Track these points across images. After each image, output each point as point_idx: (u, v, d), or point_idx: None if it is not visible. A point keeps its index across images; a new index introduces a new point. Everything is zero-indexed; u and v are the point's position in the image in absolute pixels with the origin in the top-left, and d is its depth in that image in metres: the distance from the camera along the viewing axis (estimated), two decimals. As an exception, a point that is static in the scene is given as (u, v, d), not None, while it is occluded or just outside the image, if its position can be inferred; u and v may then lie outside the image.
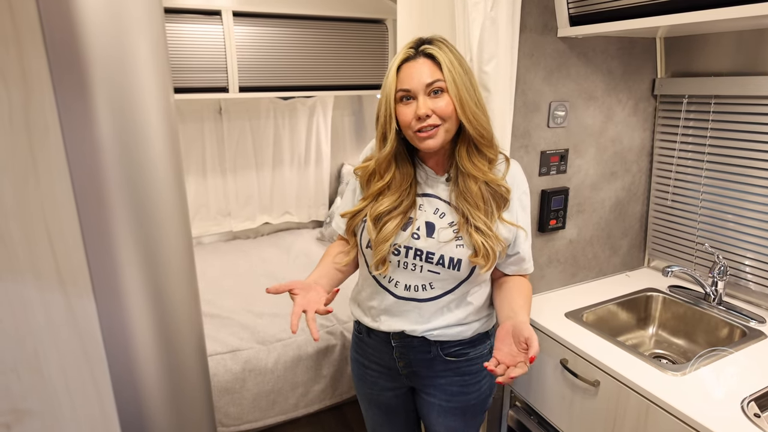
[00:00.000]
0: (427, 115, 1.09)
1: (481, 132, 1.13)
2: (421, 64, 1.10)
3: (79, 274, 0.54)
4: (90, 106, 0.52)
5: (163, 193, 0.61)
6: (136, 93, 0.56)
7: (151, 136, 0.59)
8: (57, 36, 0.49)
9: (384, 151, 1.15)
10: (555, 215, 1.69)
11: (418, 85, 1.09)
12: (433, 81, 1.09)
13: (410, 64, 1.11)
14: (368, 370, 1.37)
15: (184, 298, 0.66)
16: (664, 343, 1.72)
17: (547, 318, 1.59)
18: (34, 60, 0.49)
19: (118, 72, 0.54)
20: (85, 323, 0.56)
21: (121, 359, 0.60)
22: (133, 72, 0.55)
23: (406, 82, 1.10)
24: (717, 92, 1.62)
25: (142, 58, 0.56)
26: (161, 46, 0.59)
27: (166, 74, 0.61)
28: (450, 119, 1.11)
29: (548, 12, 1.51)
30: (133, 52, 0.55)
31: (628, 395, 1.28)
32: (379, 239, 1.17)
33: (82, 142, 0.52)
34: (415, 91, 1.10)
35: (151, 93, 0.58)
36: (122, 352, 0.60)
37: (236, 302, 2.36)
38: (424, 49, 1.12)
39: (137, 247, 0.59)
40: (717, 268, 1.62)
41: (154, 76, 0.58)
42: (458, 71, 1.10)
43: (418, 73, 1.09)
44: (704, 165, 1.71)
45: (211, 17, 2.46)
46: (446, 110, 1.10)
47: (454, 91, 1.09)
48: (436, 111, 1.09)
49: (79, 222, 0.53)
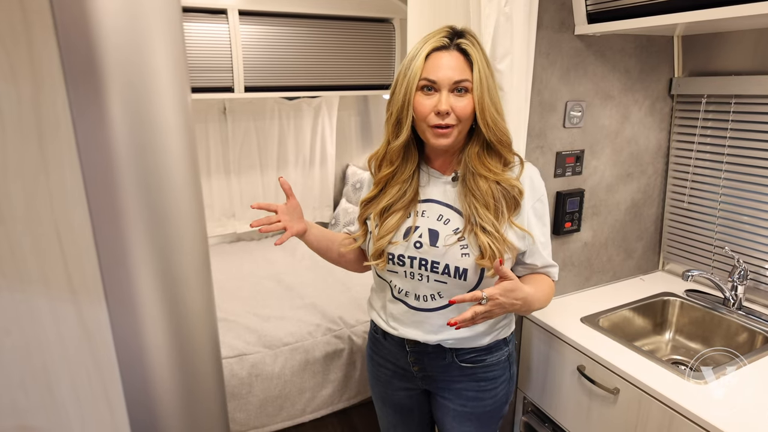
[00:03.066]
0: (447, 113, 1.05)
1: (499, 137, 1.09)
2: (453, 57, 1.06)
3: (91, 283, 0.50)
4: (104, 104, 0.49)
5: (179, 196, 0.58)
6: (152, 91, 0.52)
7: (168, 136, 0.55)
8: (70, 30, 0.46)
9: (399, 141, 1.11)
10: (570, 217, 1.65)
11: (445, 79, 1.05)
12: (462, 80, 1.05)
13: (441, 54, 1.06)
14: (383, 368, 1.34)
15: (200, 306, 0.63)
16: (681, 349, 1.68)
17: (562, 323, 1.55)
18: (45, 55, 0.45)
19: (133, 69, 0.50)
20: (97, 334, 0.52)
21: (135, 371, 0.56)
22: (150, 69, 0.52)
23: (434, 73, 1.05)
24: (737, 92, 1.58)
25: (159, 55, 0.52)
26: (179, 43, 0.55)
27: (183, 72, 0.57)
28: (465, 122, 1.08)
29: (565, 9, 1.47)
30: (150, 48, 0.51)
31: (649, 404, 1.24)
32: (381, 233, 1.15)
33: (95, 142, 0.49)
34: (441, 85, 1.05)
35: (168, 91, 0.54)
36: (136, 364, 0.56)
37: (242, 305, 2.32)
38: (459, 43, 1.07)
39: (153, 253, 0.55)
40: (737, 272, 1.58)
41: (172, 73, 0.54)
42: (485, 73, 1.06)
43: (449, 67, 1.05)
44: (723, 167, 1.68)
45: (216, 16, 2.42)
46: (465, 111, 1.06)
47: (478, 94, 1.05)
48: (455, 110, 1.06)
49: (91, 227, 0.50)
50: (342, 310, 2.21)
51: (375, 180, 1.21)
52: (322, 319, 2.16)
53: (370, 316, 1.34)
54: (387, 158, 1.17)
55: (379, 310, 1.29)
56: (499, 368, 1.25)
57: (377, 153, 1.21)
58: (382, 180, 1.19)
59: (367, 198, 1.23)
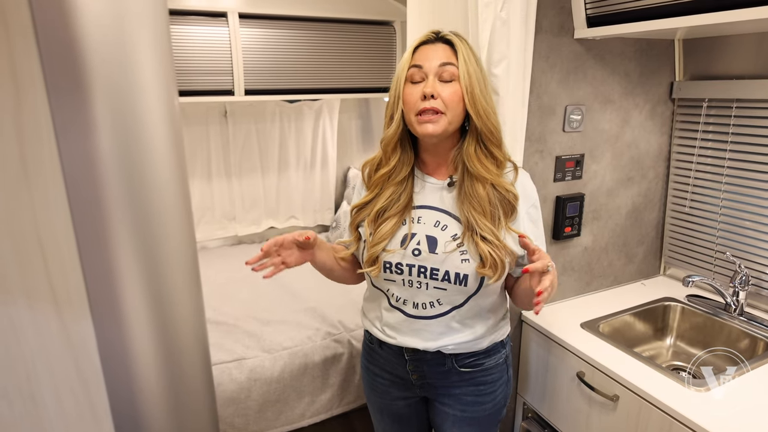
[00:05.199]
0: (432, 96, 1.06)
1: (490, 128, 1.10)
2: (439, 47, 1.11)
3: (75, 295, 0.50)
4: (88, 113, 0.48)
5: (166, 205, 0.57)
6: (137, 99, 0.52)
7: (154, 144, 0.54)
8: (51, 34, 0.45)
9: (390, 130, 1.14)
10: (570, 222, 1.64)
11: (431, 63, 1.09)
12: (446, 62, 1.08)
13: (427, 46, 1.12)
14: (379, 378, 1.33)
15: (188, 317, 0.62)
16: (682, 355, 1.67)
17: (562, 328, 1.54)
18: (27, 64, 0.45)
19: (118, 77, 0.49)
20: (81, 346, 0.51)
21: (121, 383, 0.56)
22: (135, 77, 0.51)
23: (420, 60, 1.10)
24: (739, 96, 1.57)
25: (144, 59, 0.51)
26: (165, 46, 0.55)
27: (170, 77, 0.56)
28: (454, 111, 1.08)
29: (565, 13, 1.46)
30: (135, 52, 0.50)
31: (649, 411, 1.23)
32: (375, 239, 1.15)
33: (79, 151, 0.48)
34: (427, 70, 1.09)
35: (154, 98, 0.53)
36: (123, 376, 0.55)
37: (241, 309, 2.32)
38: (444, 36, 1.12)
39: (139, 264, 0.55)
40: (739, 278, 1.57)
41: (158, 79, 0.53)
42: (473, 64, 1.09)
43: (434, 53, 1.10)
44: (725, 171, 1.66)
45: (216, 19, 2.42)
46: (452, 98, 1.07)
47: (466, 82, 1.07)
48: (442, 96, 1.07)
49: (75, 237, 0.49)
50: (342, 314, 2.20)
51: (369, 184, 1.21)
52: (322, 323, 2.15)
53: (364, 326, 1.32)
54: (383, 157, 1.18)
55: (373, 320, 1.27)
56: (497, 371, 1.25)
57: (373, 159, 1.21)
58: (378, 182, 1.18)
59: (361, 203, 1.22)
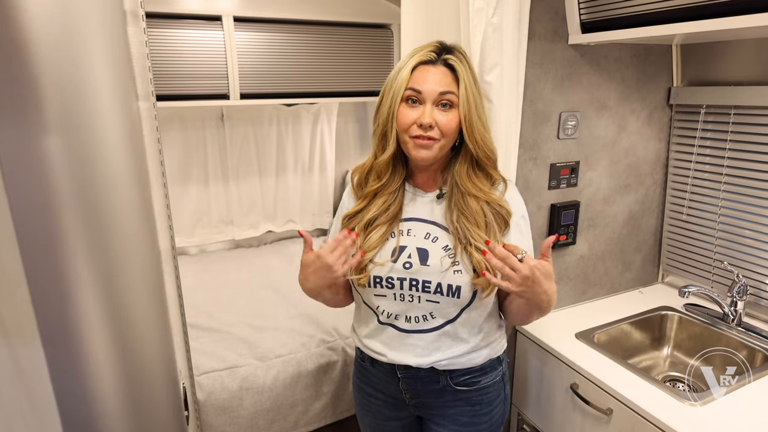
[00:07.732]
0: (430, 126, 1.02)
1: (486, 152, 1.08)
2: (439, 71, 1.05)
3: (24, 322, 0.48)
4: (33, 126, 0.45)
5: (125, 217, 0.54)
6: (89, 102, 0.49)
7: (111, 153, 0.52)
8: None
9: (386, 154, 1.09)
10: (565, 230, 1.62)
11: (430, 90, 1.03)
12: (447, 91, 1.03)
13: (427, 68, 1.05)
14: (372, 398, 1.29)
15: (152, 337, 0.60)
16: (679, 365, 1.64)
17: (556, 339, 1.51)
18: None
19: (68, 85, 0.47)
20: (32, 375, 0.49)
21: (76, 411, 0.53)
22: (87, 80, 0.49)
23: (419, 84, 1.04)
24: (737, 102, 1.54)
25: (96, 64, 0.49)
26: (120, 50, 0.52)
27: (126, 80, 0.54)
28: (449, 137, 1.06)
29: (559, 18, 1.44)
30: (86, 57, 0.48)
31: (644, 427, 1.20)
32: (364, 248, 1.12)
33: (23, 162, 0.46)
34: (425, 97, 1.04)
35: (107, 101, 0.51)
36: (78, 404, 0.53)
37: (236, 315, 2.30)
38: (447, 59, 1.06)
39: (95, 284, 0.52)
40: (736, 287, 1.53)
41: (112, 82, 0.51)
42: (472, 90, 1.04)
43: (434, 80, 1.04)
44: (723, 178, 1.63)
45: (211, 23, 2.40)
46: (449, 126, 1.04)
47: (465, 110, 1.03)
48: (439, 125, 1.03)
49: (21, 259, 0.47)
50: (337, 320, 2.18)
51: (361, 194, 1.18)
52: (317, 329, 2.13)
53: (355, 344, 1.29)
54: (374, 172, 1.14)
55: (363, 338, 1.24)
56: (494, 390, 1.21)
57: (363, 166, 1.18)
58: (370, 193, 1.16)
59: (353, 212, 1.19)
